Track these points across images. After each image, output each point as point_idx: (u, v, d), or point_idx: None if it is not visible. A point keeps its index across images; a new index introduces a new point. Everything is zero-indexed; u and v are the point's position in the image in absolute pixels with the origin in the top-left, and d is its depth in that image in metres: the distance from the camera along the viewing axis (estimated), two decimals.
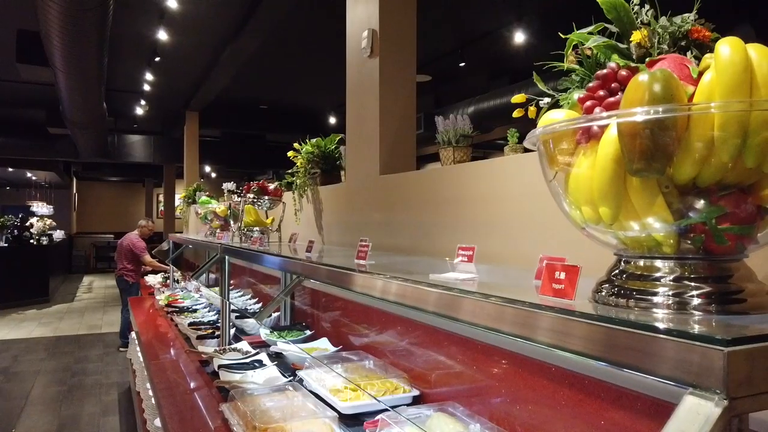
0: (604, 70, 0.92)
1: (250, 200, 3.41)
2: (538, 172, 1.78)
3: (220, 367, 2.76)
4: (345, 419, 2.10)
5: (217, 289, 5.36)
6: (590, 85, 0.93)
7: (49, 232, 14.27)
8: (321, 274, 1.61)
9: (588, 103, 0.91)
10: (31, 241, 12.36)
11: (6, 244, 11.71)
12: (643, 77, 0.79)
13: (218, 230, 4.99)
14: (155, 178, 20.03)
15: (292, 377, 2.58)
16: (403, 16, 2.84)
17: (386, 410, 2.13)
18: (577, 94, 1.00)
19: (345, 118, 11.01)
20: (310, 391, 2.33)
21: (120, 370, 6.67)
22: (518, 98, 1.89)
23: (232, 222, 3.84)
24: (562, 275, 0.95)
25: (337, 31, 7.23)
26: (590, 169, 0.87)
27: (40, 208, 17.41)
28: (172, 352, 3.56)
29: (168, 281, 6.60)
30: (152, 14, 5.73)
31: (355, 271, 1.36)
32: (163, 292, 5.62)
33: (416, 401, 2.22)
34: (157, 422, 3.35)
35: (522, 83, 7.54)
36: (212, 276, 6.42)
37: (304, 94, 10.82)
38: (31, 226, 12.82)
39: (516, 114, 1.94)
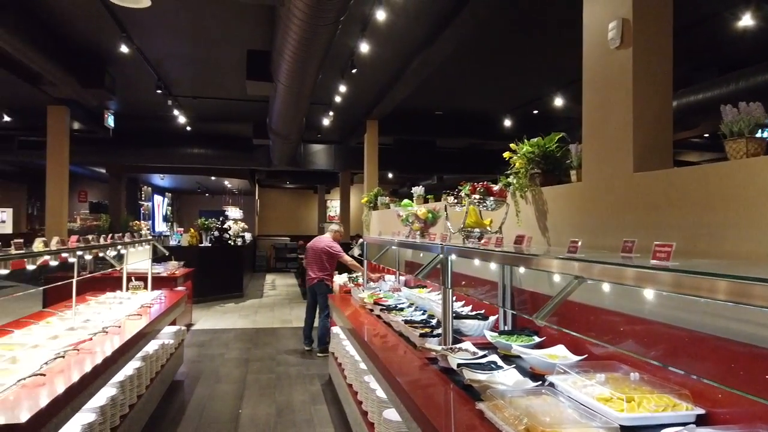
0: None
1: (476, 201, 3.41)
2: None
3: (459, 365, 2.77)
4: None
5: (416, 289, 5.49)
6: None
7: (242, 234, 15.93)
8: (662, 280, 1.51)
9: None
10: (229, 241, 13.85)
11: (209, 244, 13.25)
12: None
13: (418, 232, 5.13)
14: (327, 184, 21.41)
15: (541, 381, 2.50)
16: (659, 1, 2.63)
17: (669, 426, 1.96)
18: None
19: (520, 121, 10.60)
20: (569, 398, 2.23)
21: (317, 363, 7.13)
22: None
23: (449, 224, 3.88)
24: None
25: (525, 34, 7.13)
26: None
27: (234, 212, 19.48)
28: (394, 348, 3.68)
29: (360, 281, 6.92)
30: (356, 25, 6.05)
31: None
32: (363, 291, 5.89)
33: (700, 421, 2.01)
34: (387, 414, 3.48)
35: (737, 73, 6.71)
36: (402, 278, 6.61)
37: (478, 99, 10.78)
38: (229, 228, 14.40)
39: None
